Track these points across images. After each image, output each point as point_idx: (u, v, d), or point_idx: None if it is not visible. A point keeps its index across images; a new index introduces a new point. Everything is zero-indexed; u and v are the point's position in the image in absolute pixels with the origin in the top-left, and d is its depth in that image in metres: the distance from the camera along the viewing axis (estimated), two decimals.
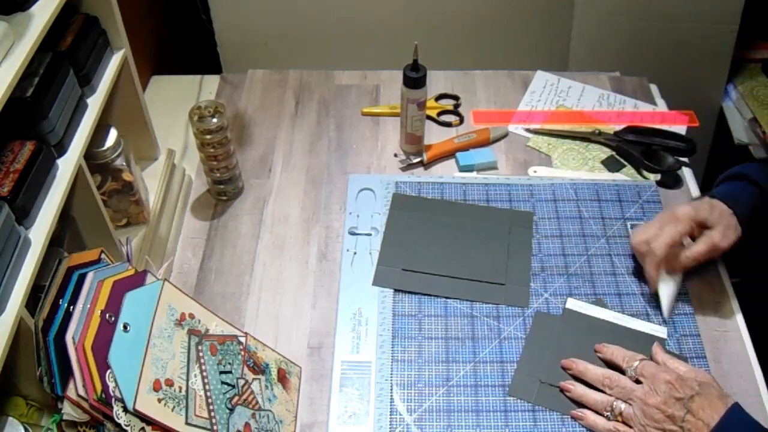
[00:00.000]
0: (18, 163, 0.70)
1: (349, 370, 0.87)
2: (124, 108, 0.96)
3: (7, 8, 0.70)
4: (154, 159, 1.05)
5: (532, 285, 0.94)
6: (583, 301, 0.91)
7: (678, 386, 0.76)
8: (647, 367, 0.79)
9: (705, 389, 0.76)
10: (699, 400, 0.74)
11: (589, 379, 0.82)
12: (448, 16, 1.39)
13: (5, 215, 0.65)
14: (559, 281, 0.94)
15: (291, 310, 0.94)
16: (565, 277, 0.95)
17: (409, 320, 0.91)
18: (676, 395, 0.75)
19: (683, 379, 0.77)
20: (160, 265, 0.94)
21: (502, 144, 1.15)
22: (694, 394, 0.75)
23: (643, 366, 0.80)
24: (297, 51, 1.43)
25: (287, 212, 1.05)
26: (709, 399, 0.75)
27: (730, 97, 1.50)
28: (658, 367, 0.79)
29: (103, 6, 0.87)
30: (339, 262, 0.98)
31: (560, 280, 0.95)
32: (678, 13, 1.37)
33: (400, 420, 0.82)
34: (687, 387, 0.76)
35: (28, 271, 0.68)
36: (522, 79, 1.27)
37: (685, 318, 0.91)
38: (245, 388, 0.77)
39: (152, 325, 0.71)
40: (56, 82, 0.76)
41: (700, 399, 0.75)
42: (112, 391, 0.65)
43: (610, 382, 0.80)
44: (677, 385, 0.76)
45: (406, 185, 1.06)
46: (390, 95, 1.23)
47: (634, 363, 0.80)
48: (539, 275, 0.95)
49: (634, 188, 1.06)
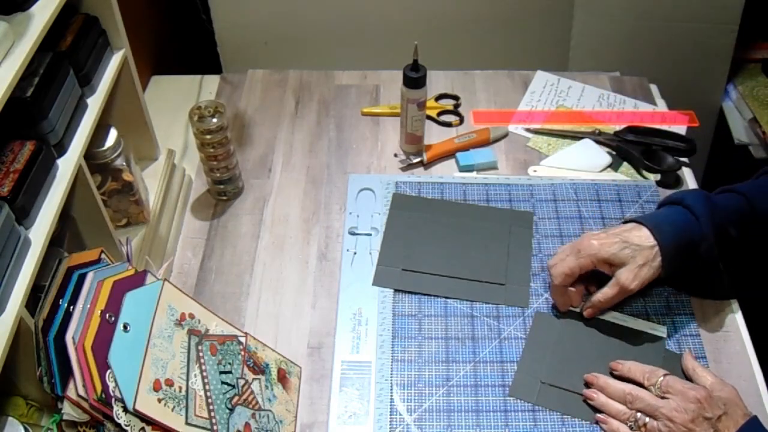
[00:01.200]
0: (18, 163, 0.70)
1: (349, 370, 0.87)
2: (124, 108, 0.96)
3: (7, 8, 0.70)
4: (154, 159, 1.05)
5: (532, 285, 0.94)
6: (584, 300, 0.91)
7: (707, 405, 0.75)
8: (674, 383, 0.78)
9: (731, 408, 0.76)
10: (725, 420, 0.75)
11: (610, 394, 0.81)
12: (448, 16, 1.39)
13: (5, 215, 0.65)
14: None
15: (291, 310, 0.94)
16: None
17: (409, 320, 0.91)
18: (705, 415, 0.75)
19: (712, 398, 0.76)
20: (160, 265, 0.94)
21: (502, 144, 1.15)
22: (722, 414, 0.75)
23: (668, 382, 0.78)
24: (297, 51, 1.43)
25: (287, 212, 1.05)
26: (734, 419, 0.75)
27: (730, 97, 1.50)
28: (685, 383, 0.78)
29: (103, 6, 0.87)
30: (339, 262, 0.98)
31: None
32: (678, 13, 1.37)
33: (400, 420, 0.82)
34: (716, 407, 0.75)
35: (28, 271, 0.68)
36: (522, 79, 1.27)
37: (685, 318, 0.91)
38: (245, 388, 0.77)
39: (152, 325, 0.71)
40: (56, 82, 0.76)
41: (727, 419, 0.75)
42: (112, 391, 0.65)
43: (633, 398, 0.79)
44: (706, 404, 0.75)
45: (406, 185, 1.06)
46: (390, 95, 1.23)
47: (658, 379, 0.79)
48: (539, 275, 0.95)
49: (634, 188, 1.06)
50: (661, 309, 0.91)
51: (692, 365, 0.82)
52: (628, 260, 0.83)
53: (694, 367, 0.82)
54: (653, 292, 0.93)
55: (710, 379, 0.79)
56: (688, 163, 1.10)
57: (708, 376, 0.80)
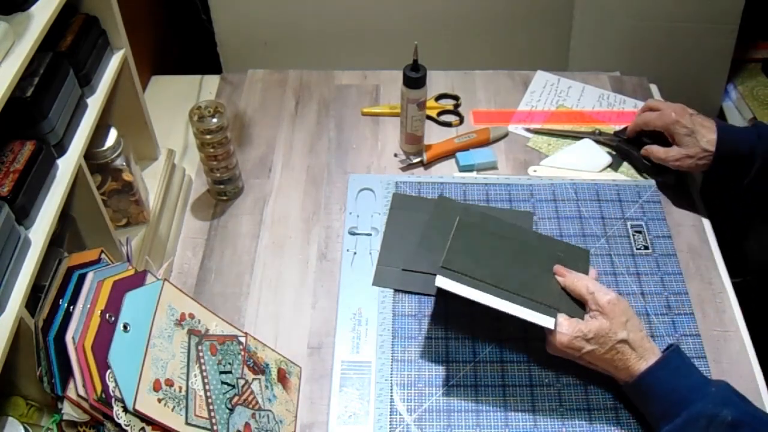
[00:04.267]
0: (18, 163, 0.70)
1: (349, 370, 0.87)
2: (124, 108, 0.96)
3: (7, 8, 0.70)
4: (154, 159, 1.05)
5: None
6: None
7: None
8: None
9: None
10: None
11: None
12: (448, 16, 1.39)
13: (5, 215, 0.65)
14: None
15: (291, 310, 0.94)
16: None
17: (409, 320, 0.91)
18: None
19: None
20: (160, 265, 0.94)
21: (502, 144, 1.15)
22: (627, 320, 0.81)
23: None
24: (297, 51, 1.43)
25: (287, 212, 1.05)
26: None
27: (730, 97, 1.50)
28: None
29: (103, 6, 0.87)
30: (339, 262, 0.98)
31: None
32: (678, 13, 1.37)
33: (400, 420, 0.82)
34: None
35: (28, 271, 0.68)
36: (522, 79, 1.27)
37: (685, 318, 0.91)
38: (245, 388, 0.77)
39: (152, 325, 0.71)
40: (56, 82, 0.76)
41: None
42: (112, 391, 0.65)
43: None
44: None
45: (406, 185, 1.06)
46: (390, 95, 1.23)
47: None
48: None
49: (634, 188, 1.06)
50: (661, 309, 0.92)
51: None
52: (682, 144, 0.99)
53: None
54: (653, 292, 0.93)
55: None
56: None
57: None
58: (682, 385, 0.75)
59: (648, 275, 0.95)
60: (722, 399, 0.73)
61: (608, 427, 0.81)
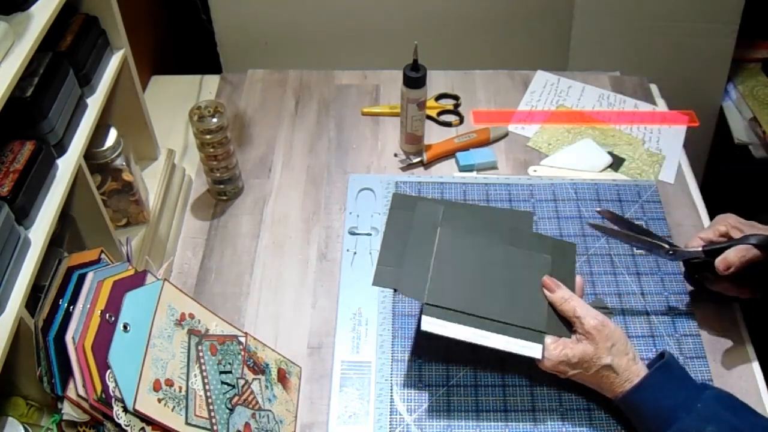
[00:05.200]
0: (18, 163, 0.70)
1: (349, 370, 0.87)
2: (124, 108, 0.96)
3: (7, 8, 0.70)
4: (154, 159, 1.05)
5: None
6: (583, 300, 0.91)
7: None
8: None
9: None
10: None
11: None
12: (448, 16, 1.39)
13: (5, 215, 0.65)
14: None
15: (291, 310, 0.94)
16: None
17: (409, 320, 0.91)
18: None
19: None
20: (160, 265, 0.94)
21: (502, 144, 1.15)
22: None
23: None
24: (297, 51, 1.43)
25: (287, 212, 1.05)
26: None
27: (730, 96, 1.50)
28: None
29: (103, 6, 0.86)
30: (339, 262, 0.98)
31: None
32: (678, 13, 1.37)
33: (400, 420, 0.82)
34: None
35: (28, 271, 0.67)
36: (522, 79, 1.27)
37: (685, 318, 0.91)
38: (245, 388, 0.77)
39: (152, 325, 0.71)
40: (56, 82, 0.76)
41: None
42: (112, 391, 0.65)
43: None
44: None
45: (406, 185, 1.06)
46: (390, 95, 1.23)
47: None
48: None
49: (634, 188, 1.06)
50: (661, 309, 0.91)
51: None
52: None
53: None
54: (653, 292, 0.93)
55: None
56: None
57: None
58: (666, 405, 0.75)
59: (648, 275, 0.95)
60: (708, 415, 0.72)
61: (608, 427, 0.81)
